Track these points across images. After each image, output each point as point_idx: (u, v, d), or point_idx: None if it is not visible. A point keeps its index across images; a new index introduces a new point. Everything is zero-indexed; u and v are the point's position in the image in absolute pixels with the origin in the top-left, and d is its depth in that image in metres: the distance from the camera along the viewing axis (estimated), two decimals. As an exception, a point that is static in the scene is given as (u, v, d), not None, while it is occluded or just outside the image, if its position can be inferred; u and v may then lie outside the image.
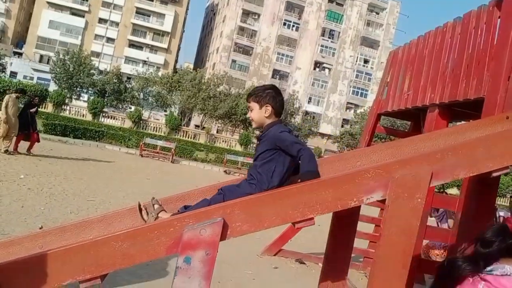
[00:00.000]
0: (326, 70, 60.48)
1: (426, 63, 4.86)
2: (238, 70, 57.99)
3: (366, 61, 61.38)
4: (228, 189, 2.30)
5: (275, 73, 59.07)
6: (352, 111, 57.53)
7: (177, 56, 66.09)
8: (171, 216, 2.15)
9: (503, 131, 2.29)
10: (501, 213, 4.66)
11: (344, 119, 58.85)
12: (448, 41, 4.48)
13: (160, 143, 22.01)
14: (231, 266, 5.25)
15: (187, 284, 1.84)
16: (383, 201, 2.15)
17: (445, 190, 9.52)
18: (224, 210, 1.91)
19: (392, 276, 2.01)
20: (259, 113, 2.42)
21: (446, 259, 1.75)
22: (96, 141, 22.04)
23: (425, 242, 5.95)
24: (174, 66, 62.56)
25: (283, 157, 2.28)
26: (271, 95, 2.42)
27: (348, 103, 60.36)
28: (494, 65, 3.20)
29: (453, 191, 10.77)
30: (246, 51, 58.94)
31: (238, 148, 30.98)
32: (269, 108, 2.40)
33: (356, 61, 60.60)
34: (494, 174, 2.15)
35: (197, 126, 44.61)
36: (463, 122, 4.88)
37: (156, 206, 2.36)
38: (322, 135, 55.65)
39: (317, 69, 60.39)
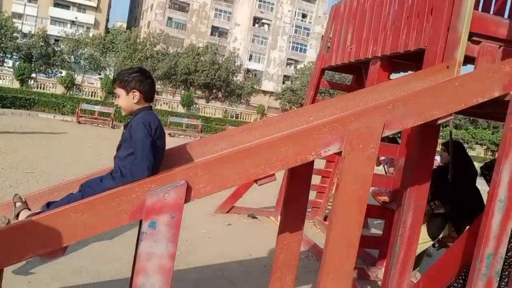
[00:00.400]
0: (266, 26, 59.85)
1: (367, 16, 4.94)
2: (175, 28, 55.78)
3: (304, 16, 61.38)
4: (88, 185, 2.14)
5: (214, 30, 57.59)
6: (293, 67, 57.95)
7: (108, 15, 62.09)
8: (29, 217, 1.96)
9: (447, 80, 2.42)
10: (437, 158, 5.04)
11: (285, 76, 59.19)
12: (389, -6, 4.57)
13: (97, 108, 20.99)
14: (185, 227, 5.21)
15: (154, 248, 1.83)
16: (338, 153, 2.23)
17: None
18: (187, 173, 1.89)
19: (351, 222, 2.13)
20: (126, 100, 2.23)
21: None
22: (27, 109, 20.60)
23: (371, 188, 6.30)
24: (106, 26, 58.83)
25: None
26: (138, 79, 2.22)
27: (288, 59, 60.59)
28: (434, 16, 3.33)
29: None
30: (182, 7, 56.59)
31: (181, 109, 30.35)
32: (137, 93, 2.22)
33: (295, 16, 60.42)
34: (440, 121, 2.29)
35: (135, 88, 42.90)
36: (402, 73, 5.10)
37: (18, 204, 2.17)
38: (265, 92, 55.90)
39: (257, 25, 59.61)
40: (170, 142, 2.73)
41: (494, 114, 3.13)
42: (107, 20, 62.04)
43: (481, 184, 4.27)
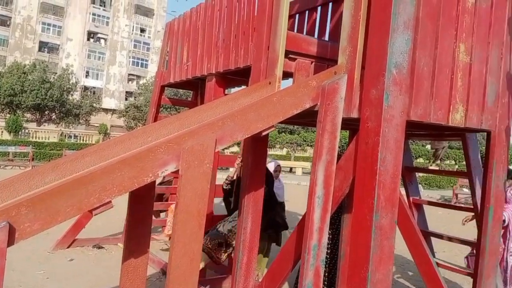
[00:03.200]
0: (102, 40, 56.81)
1: (200, 34, 5.16)
2: (-6, 45, 49.02)
3: (142, 30, 60.20)
4: None
5: (43, 45, 52.23)
6: (135, 82, 56.26)
7: None
8: None
9: (267, 96, 2.70)
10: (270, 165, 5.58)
11: (127, 92, 56.95)
12: (217, 14, 4.86)
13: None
14: (17, 271, 4.67)
15: (-28, 304, 1.60)
16: (176, 172, 2.28)
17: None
18: (8, 213, 1.70)
19: (191, 237, 2.19)
20: None
21: None
22: None
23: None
24: None
25: None
26: None
27: (129, 74, 58.52)
28: (255, 36, 3.66)
29: (234, 149, 12.06)
30: (2, 21, 49.96)
31: (7, 136, 26.69)
32: None
33: (133, 31, 58.81)
34: (264, 133, 2.53)
35: None
36: (237, 88, 5.46)
37: None
38: (106, 110, 52.94)
39: (92, 40, 56.18)
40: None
41: (313, 122, 3.59)
42: None
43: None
